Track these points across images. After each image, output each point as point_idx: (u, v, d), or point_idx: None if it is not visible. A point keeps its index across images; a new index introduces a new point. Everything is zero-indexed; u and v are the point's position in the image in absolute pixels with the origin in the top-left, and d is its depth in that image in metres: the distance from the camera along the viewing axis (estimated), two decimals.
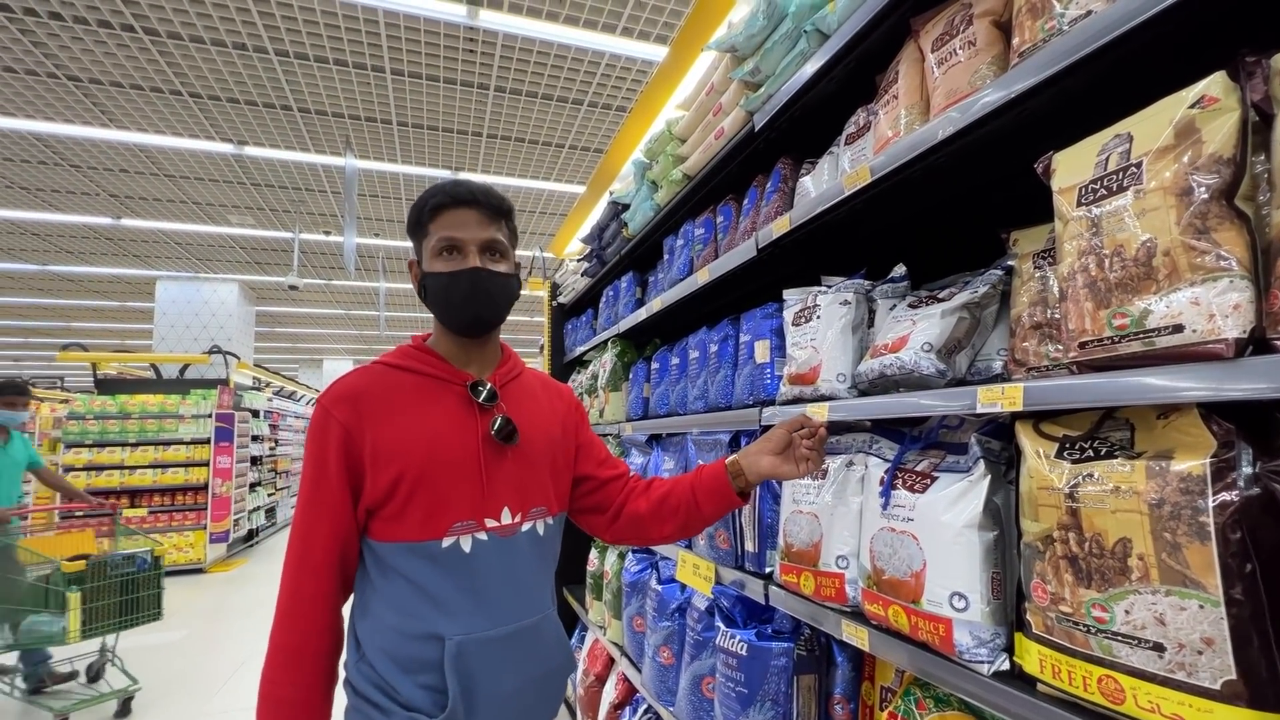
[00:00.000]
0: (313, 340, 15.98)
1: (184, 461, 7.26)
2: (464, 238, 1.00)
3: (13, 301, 11.13)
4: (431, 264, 1.02)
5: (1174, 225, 0.65)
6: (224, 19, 3.92)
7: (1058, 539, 0.77)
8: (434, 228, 1.02)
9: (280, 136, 5.49)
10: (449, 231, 1.01)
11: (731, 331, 1.76)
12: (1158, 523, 0.66)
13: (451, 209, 1.01)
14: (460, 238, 1.00)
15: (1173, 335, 0.65)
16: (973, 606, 0.89)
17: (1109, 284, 0.71)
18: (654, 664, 1.96)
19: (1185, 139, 0.66)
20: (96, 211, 7.16)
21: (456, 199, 1.01)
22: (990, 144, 1.02)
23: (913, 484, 1.03)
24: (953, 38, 1.03)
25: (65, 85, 4.62)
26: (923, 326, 1.08)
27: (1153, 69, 0.83)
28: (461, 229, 1.01)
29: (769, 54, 1.45)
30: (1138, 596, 0.68)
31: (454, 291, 1.01)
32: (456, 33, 4.05)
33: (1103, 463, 0.74)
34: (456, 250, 1.01)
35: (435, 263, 1.02)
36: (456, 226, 1.01)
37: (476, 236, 1.01)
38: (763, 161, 1.72)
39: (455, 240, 1.00)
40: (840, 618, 1.16)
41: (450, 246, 1.01)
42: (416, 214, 1.05)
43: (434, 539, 0.96)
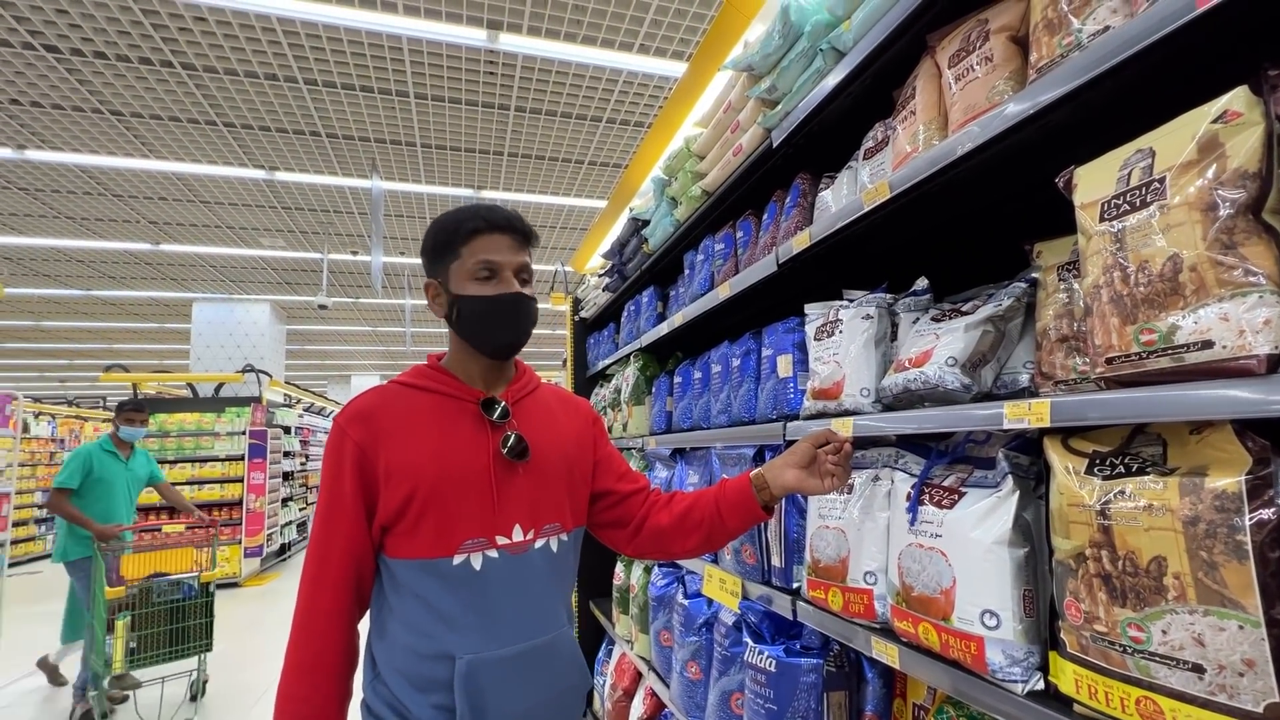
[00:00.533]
0: (341, 357, 16.33)
1: (219, 478, 7.47)
2: (502, 262, 1.02)
3: (59, 325, 11.60)
4: (465, 287, 1.02)
5: (1200, 240, 0.65)
6: (256, 51, 4.08)
7: (1090, 557, 0.76)
8: (468, 251, 1.02)
9: (309, 161, 5.67)
10: (488, 255, 1.02)
11: (753, 346, 1.76)
12: (1193, 541, 0.65)
13: (488, 234, 1.03)
14: (499, 261, 1.02)
15: (1202, 351, 0.64)
16: (1005, 624, 0.88)
17: (1135, 299, 0.71)
18: (682, 679, 1.95)
19: (1209, 154, 0.66)
20: (137, 238, 7.45)
21: (493, 224, 1.03)
22: (1010, 158, 1.02)
23: (940, 499, 1.02)
24: (969, 54, 1.04)
25: (109, 119, 4.84)
26: (946, 340, 1.08)
27: (1173, 82, 0.82)
28: (499, 253, 1.02)
29: (785, 72, 1.47)
30: (1175, 616, 0.67)
31: (496, 316, 1.02)
32: (477, 56, 4.15)
33: (1134, 479, 0.73)
34: (495, 275, 1.02)
35: (470, 285, 1.02)
36: (494, 251, 1.02)
37: (512, 261, 1.03)
38: (781, 177, 1.73)
39: (494, 264, 1.02)
40: (870, 634, 1.15)
41: (488, 271, 1.02)
42: (447, 236, 1.04)
43: (445, 556, 0.97)
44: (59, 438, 10.77)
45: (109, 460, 3.69)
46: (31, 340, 12.86)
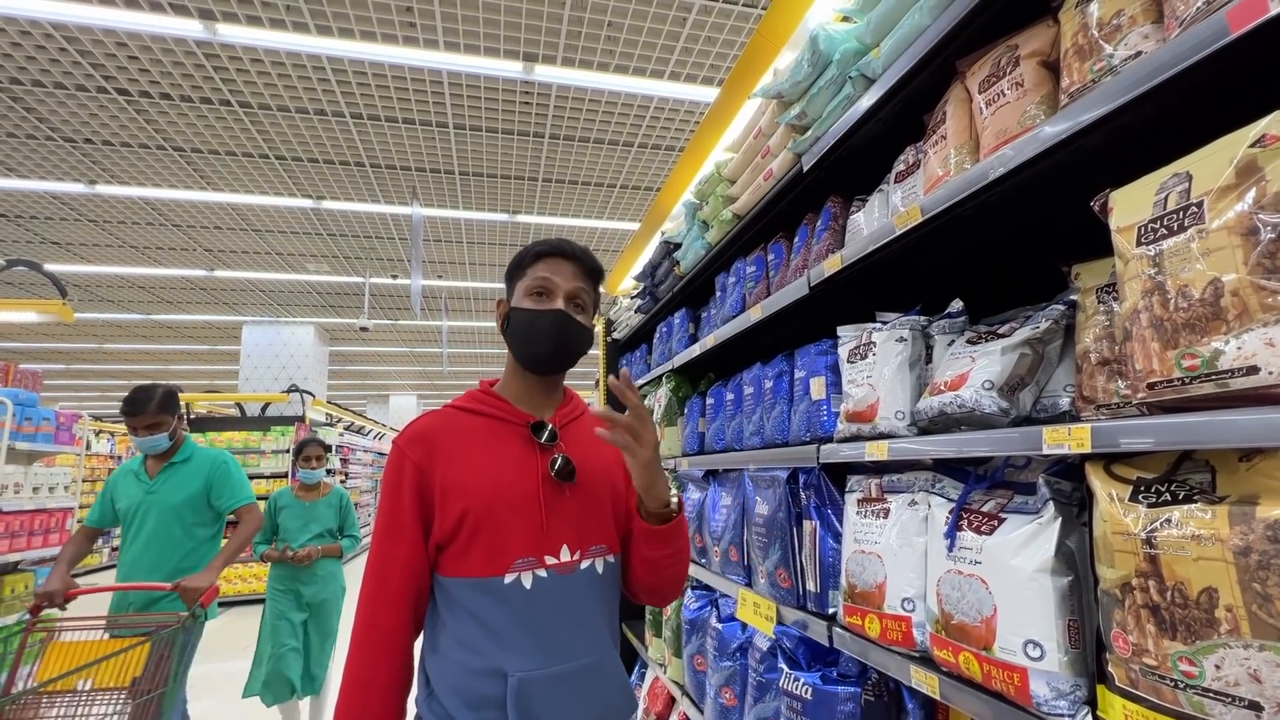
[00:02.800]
0: (380, 377, 16.78)
1: (265, 494, 7.71)
2: (556, 282, 1.09)
3: (120, 348, 12.24)
4: (520, 301, 1.10)
5: (1241, 264, 0.64)
6: (306, 88, 4.31)
7: (1137, 587, 0.74)
8: (531, 271, 1.10)
9: (353, 190, 5.92)
10: (544, 274, 1.09)
11: (786, 367, 1.76)
12: (1245, 572, 0.64)
13: (552, 257, 1.11)
14: (552, 281, 1.09)
15: (1247, 377, 0.63)
16: (1049, 656, 0.86)
17: (1175, 324, 0.70)
18: (716, 705, 1.93)
19: (1248, 178, 0.65)
20: (193, 264, 7.86)
21: (559, 250, 1.11)
22: (1043, 181, 1.02)
23: (979, 525, 1.01)
24: (1000, 79, 1.05)
25: (171, 155, 5.16)
26: (983, 364, 1.07)
27: (1209, 107, 0.81)
28: (555, 274, 1.09)
29: (815, 99, 1.49)
30: (1228, 651, 0.65)
31: (536, 328, 1.08)
32: (513, 87, 4.30)
33: (1181, 507, 0.71)
34: (546, 293, 1.09)
35: (524, 300, 1.09)
36: (551, 272, 1.09)
37: (566, 285, 1.09)
38: (812, 200, 1.74)
39: (548, 283, 1.08)
40: (908, 663, 1.13)
41: (542, 289, 1.08)
42: (519, 258, 1.13)
43: (496, 575, 0.99)
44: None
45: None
46: (95, 362, 13.59)
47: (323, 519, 3.55)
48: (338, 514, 3.62)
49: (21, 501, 3.26)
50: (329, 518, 3.58)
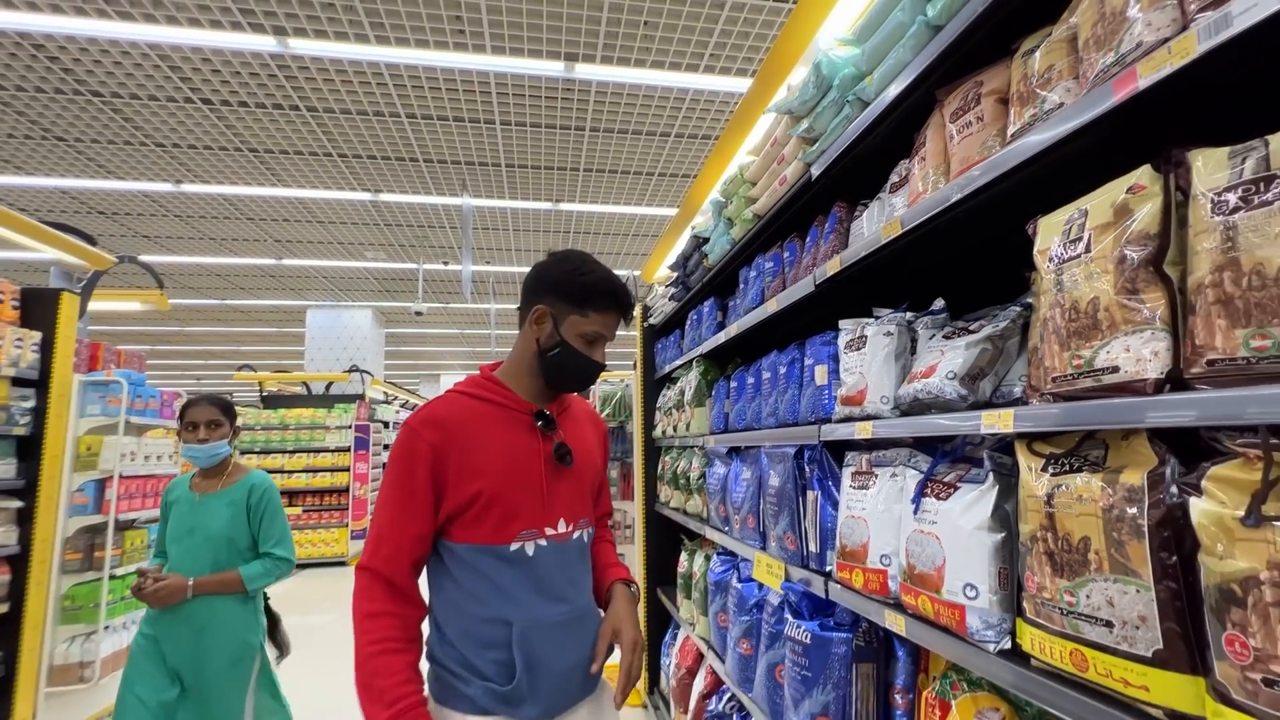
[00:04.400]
0: (432, 358, 17.53)
1: (330, 467, 8.34)
2: (607, 336, 1.27)
3: (198, 330, 13.24)
4: (573, 339, 1.23)
5: (1111, 287, 0.82)
6: (367, 93, 4.65)
7: (1040, 538, 0.93)
8: (594, 315, 1.23)
9: (408, 183, 6.29)
10: (601, 329, 1.25)
11: (797, 355, 1.96)
12: (1108, 524, 0.83)
13: (614, 314, 1.27)
14: (605, 336, 1.27)
15: (1113, 375, 0.82)
16: (982, 596, 1.06)
17: (1069, 332, 0.88)
18: (735, 654, 2.18)
19: (1122, 217, 0.83)
20: (264, 254, 8.47)
21: (620, 307, 1.27)
22: (998, 202, 1.19)
23: (939, 493, 1.20)
24: (967, 111, 1.21)
25: (246, 156, 5.63)
26: (949, 356, 1.25)
27: (1119, 147, 0.98)
28: (609, 330, 1.27)
29: (820, 116, 1.66)
30: (1094, 584, 0.84)
31: (579, 371, 1.25)
32: (555, 85, 4.52)
33: (1074, 475, 0.90)
34: (598, 343, 1.26)
35: (577, 340, 1.23)
36: (608, 327, 1.26)
37: (610, 335, 1.28)
38: (821, 203, 1.91)
39: (601, 336, 1.26)
40: (883, 608, 1.34)
41: (596, 338, 1.25)
42: (585, 292, 1.22)
43: (503, 544, 1.16)
44: None
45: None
46: (176, 343, 14.74)
47: (214, 523, 2.18)
48: (245, 517, 2.23)
49: (137, 468, 3.77)
50: (226, 522, 2.19)
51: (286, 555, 2.28)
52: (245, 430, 8.24)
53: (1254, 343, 0.67)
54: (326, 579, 7.31)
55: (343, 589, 6.74)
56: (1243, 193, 0.69)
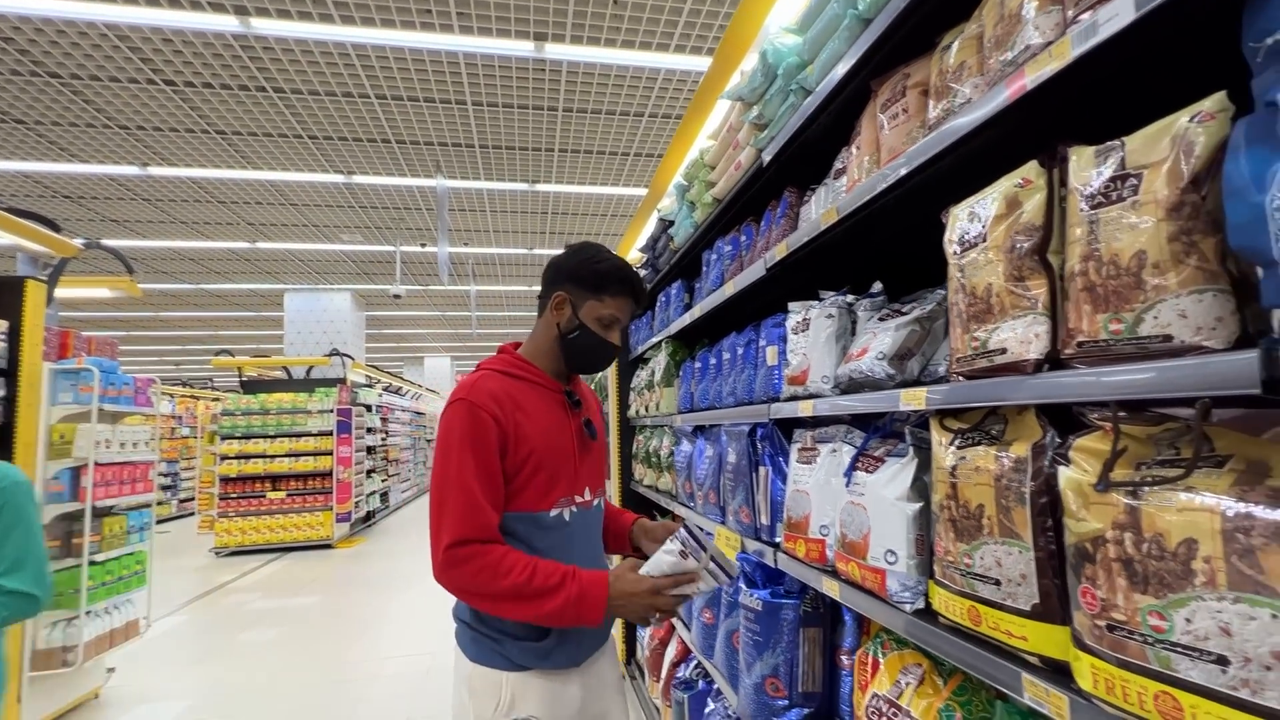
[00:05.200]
0: (414, 340, 17.44)
1: (312, 451, 8.34)
2: (623, 320, 1.37)
3: (174, 315, 13.05)
4: (591, 323, 1.32)
5: (1002, 273, 0.89)
6: (335, 74, 4.58)
7: (946, 506, 1.01)
8: (610, 301, 1.32)
9: (381, 165, 6.22)
10: (617, 313, 1.34)
11: (753, 337, 2.02)
12: (999, 492, 0.90)
13: (629, 299, 1.36)
14: (621, 321, 1.36)
15: (1002, 355, 0.89)
16: (900, 560, 1.14)
17: (969, 315, 0.95)
18: (699, 623, 2.28)
19: (1013, 209, 0.89)
20: (237, 237, 8.35)
21: (635, 295, 1.36)
22: (923, 190, 1.24)
23: (868, 466, 1.28)
24: (895, 102, 1.26)
25: (214, 138, 5.53)
26: (880, 338, 1.32)
27: (1023, 140, 1.03)
28: (624, 314, 1.36)
29: (769, 103, 1.70)
30: (987, 547, 0.92)
31: (596, 354, 1.35)
32: (526, 65, 4.48)
33: (975, 448, 0.97)
34: (613, 326, 1.34)
35: (594, 324, 1.32)
36: (623, 312, 1.35)
37: (625, 320, 1.38)
38: (774, 188, 1.96)
39: (617, 320, 1.35)
40: (822, 575, 1.43)
41: (612, 322, 1.34)
42: (601, 279, 1.32)
43: (544, 510, 1.27)
44: (177, 414, 12.22)
45: None
46: (151, 329, 14.51)
47: None
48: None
49: (113, 455, 3.78)
50: None
51: (27, 589, 1.47)
52: (226, 416, 8.21)
53: (1111, 326, 0.74)
54: (312, 561, 7.38)
55: (328, 572, 6.81)
56: (1104, 188, 0.75)
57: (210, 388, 16.43)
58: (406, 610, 5.13)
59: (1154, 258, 0.69)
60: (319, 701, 3.49)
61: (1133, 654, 0.67)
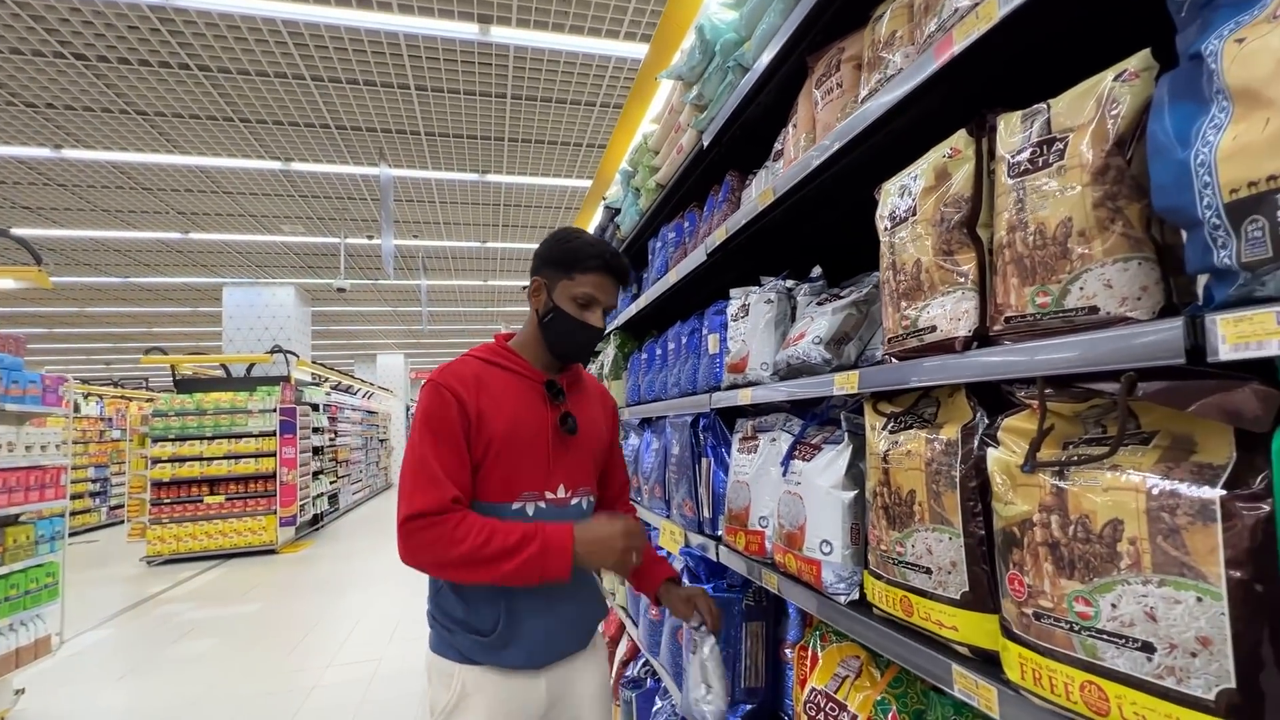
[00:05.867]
0: (366, 337, 16.87)
1: (253, 453, 7.95)
2: (602, 300, 1.27)
3: (102, 311, 12.25)
4: (566, 304, 1.25)
5: (931, 248, 0.85)
6: (265, 51, 4.31)
7: (878, 493, 0.97)
8: (583, 279, 1.25)
9: (321, 152, 5.93)
10: (594, 291, 1.25)
11: (697, 325, 1.97)
12: (929, 477, 0.87)
13: (605, 275, 1.26)
14: (599, 300, 1.27)
15: (931, 334, 0.85)
16: (836, 551, 1.10)
17: (899, 294, 0.91)
18: (645, 620, 2.22)
19: (942, 181, 0.85)
20: (168, 228, 7.87)
21: (611, 270, 1.27)
22: (861, 167, 1.20)
23: (804, 454, 1.24)
24: (829, 77, 1.22)
25: (136, 119, 5.16)
26: (817, 322, 1.28)
27: (953, 114, 1.00)
28: (602, 293, 1.26)
29: (708, 82, 1.65)
30: (918, 534, 0.88)
31: (576, 336, 1.27)
32: (471, 49, 4.32)
33: (906, 432, 0.94)
34: (592, 307, 1.26)
35: (570, 306, 1.25)
36: (600, 290, 1.26)
37: (608, 302, 1.29)
38: (717, 173, 1.91)
39: (595, 300, 1.26)
40: (762, 568, 1.38)
41: (590, 302, 1.26)
42: (571, 258, 1.25)
43: (506, 502, 1.21)
44: (107, 416, 11.49)
45: None
46: (77, 325, 13.60)
47: None
48: None
49: (16, 459, 3.47)
50: None
51: None
52: (158, 417, 7.74)
53: (1038, 299, 0.70)
54: (254, 568, 7.03)
55: (271, 577, 6.50)
56: (1030, 155, 0.71)
57: (145, 388, 15.53)
58: (353, 615, 4.93)
59: (1079, 225, 0.65)
60: (253, 714, 3.30)
61: (1059, 642, 0.64)
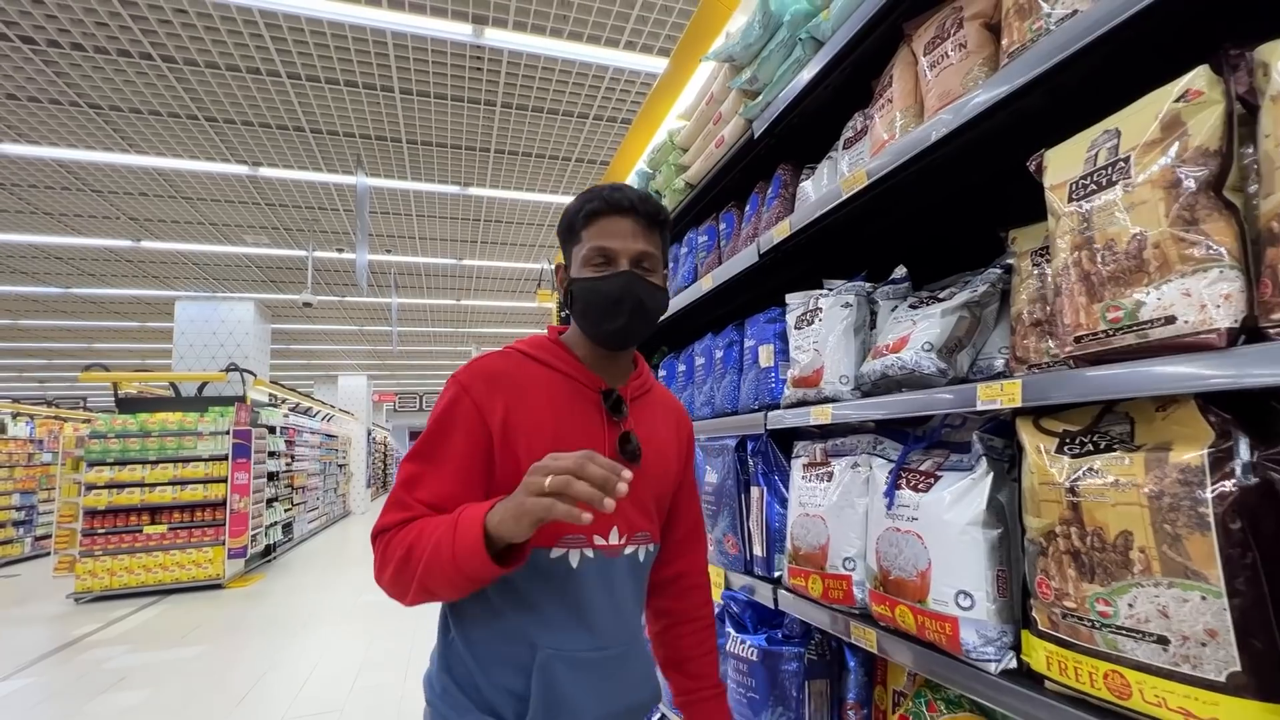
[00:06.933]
0: (328, 357, 16.18)
1: (202, 478, 7.36)
2: (617, 248, 0.94)
3: (37, 324, 11.39)
4: (581, 270, 0.97)
5: (1163, 218, 0.66)
6: (238, 44, 4.03)
7: (1060, 534, 0.76)
8: (587, 235, 0.96)
9: (293, 157, 5.61)
10: (602, 241, 0.95)
11: (736, 337, 1.77)
12: (1157, 515, 0.66)
13: (607, 216, 0.95)
14: (613, 248, 0.94)
15: (1165, 327, 0.65)
16: (979, 605, 0.89)
17: (1101, 278, 0.72)
18: None
19: (1172, 132, 0.67)
20: (117, 234, 7.34)
21: (613, 205, 0.95)
22: (986, 142, 1.03)
23: (916, 483, 1.03)
24: (944, 40, 1.05)
25: (86, 113, 4.76)
26: (923, 326, 1.09)
27: (1144, 64, 0.83)
28: (615, 238, 0.95)
29: (766, 62, 1.47)
30: (1140, 589, 0.67)
31: (603, 296, 0.94)
32: (463, 51, 4.12)
33: (1102, 456, 0.73)
34: (609, 260, 0.95)
35: (585, 269, 0.96)
36: (611, 235, 0.95)
37: (630, 248, 0.95)
38: (763, 168, 1.73)
39: (608, 250, 0.94)
40: (849, 620, 1.16)
41: (604, 257, 0.95)
42: (570, 219, 0.99)
43: (544, 546, 0.91)
44: (38, 439, 10.58)
45: None
46: (9, 339, 12.62)
47: None
48: None
49: None
50: None
51: None
52: (96, 439, 7.10)
53: None
54: (197, 604, 6.41)
55: (215, 616, 5.92)
56: None
57: (83, 408, 14.48)
58: (309, 658, 4.45)
59: None
60: None
61: None
